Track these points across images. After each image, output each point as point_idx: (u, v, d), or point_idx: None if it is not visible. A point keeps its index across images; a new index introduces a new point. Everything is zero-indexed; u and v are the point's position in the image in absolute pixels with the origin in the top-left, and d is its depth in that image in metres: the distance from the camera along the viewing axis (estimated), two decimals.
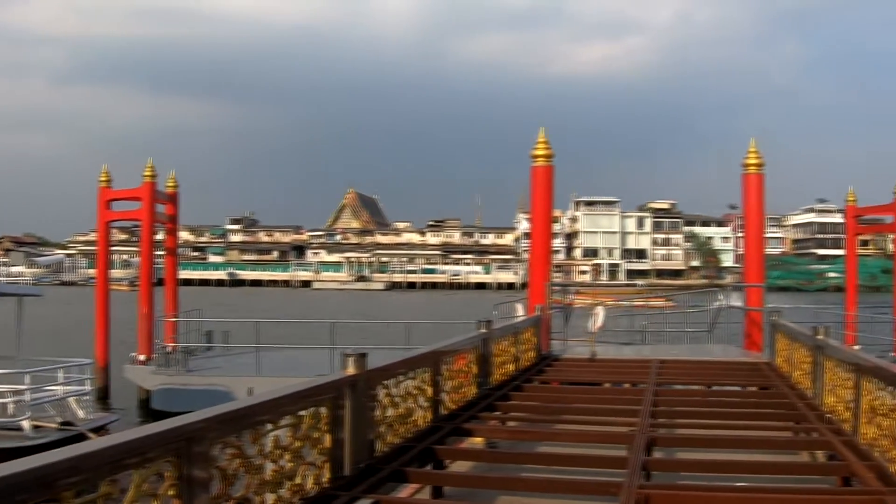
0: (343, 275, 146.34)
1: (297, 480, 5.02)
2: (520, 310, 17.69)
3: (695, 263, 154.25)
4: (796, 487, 6.24)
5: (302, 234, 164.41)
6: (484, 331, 10.24)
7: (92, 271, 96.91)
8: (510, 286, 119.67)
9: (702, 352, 16.30)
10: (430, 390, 7.77)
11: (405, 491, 6.50)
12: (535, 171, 16.66)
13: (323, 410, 5.43)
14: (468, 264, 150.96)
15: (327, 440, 5.47)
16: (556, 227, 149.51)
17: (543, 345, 14.81)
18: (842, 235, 29.78)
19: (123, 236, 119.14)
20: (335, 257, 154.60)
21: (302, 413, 5.15)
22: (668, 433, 8.10)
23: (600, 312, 15.75)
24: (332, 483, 5.46)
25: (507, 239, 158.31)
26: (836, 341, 9.07)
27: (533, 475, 6.97)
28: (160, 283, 26.11)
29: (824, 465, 7.19)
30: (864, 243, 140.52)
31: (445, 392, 8.40)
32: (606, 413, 9.04)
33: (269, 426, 4.76)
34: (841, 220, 35.55)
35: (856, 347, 23.01)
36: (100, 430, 15.74)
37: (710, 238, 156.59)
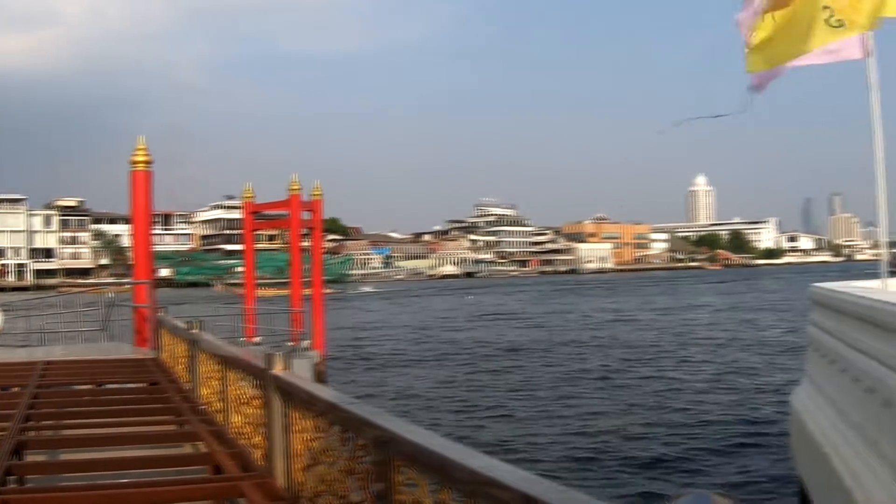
0: None
1: None
2: None
3: (104, 262, 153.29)
4: (171, 479, 6.18)
5: None
6: None
7: None
8: None
9: (95, 350, 15.86)
10: None
11: None
12: None
13: None
14: None
15: None
16: None
17: None
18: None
19: None
20: None
21: None
22: (53, 435, 7.81)
23: None
24: None
25: None
26: (208, 334, 9.28)
27: None
28: None
29: (196, 455, 7.23)
30: (272, 238, 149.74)
31: None
32: None
33: None
34: None
35: (256, 340, 24.09)
36: None
37: (117, 236, 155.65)
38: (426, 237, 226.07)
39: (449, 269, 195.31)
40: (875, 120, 11.96)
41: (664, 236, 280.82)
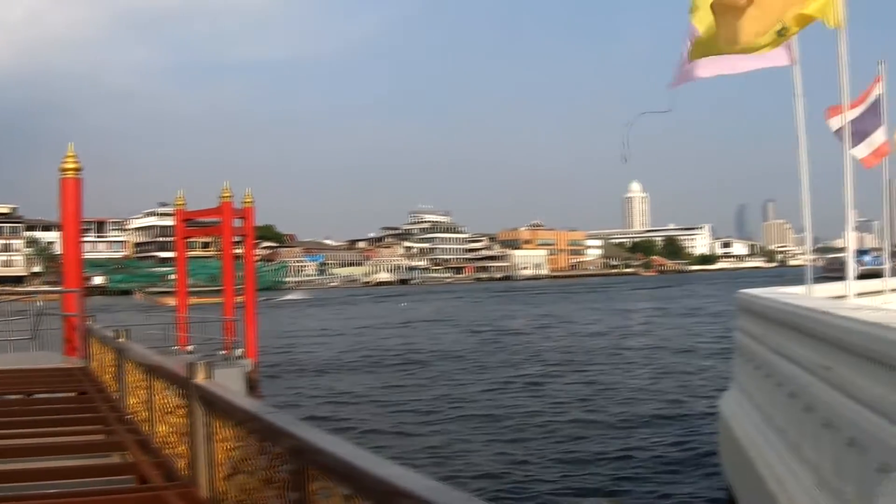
0: None
1: None
2: None
3: (37, 269, 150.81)
4: (97, 490, 6.18)
5: None
6: None
7: None
8: None
9: (25, 359, 15.67)
10: None
11: None
12: None
13: None
14: None
15: None
16: None
17: None
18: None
19: None
20: None
21: None
22: None
23: None
24: None
25: None
26: (135, 343, 9.20)
27: None
28: None
29: (122, 465, 7.18)
30: (206, 245, 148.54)
31: None
32: None
33: None
34: None
35: (189, 348, 23.82)
36: None
37: (51, 243, 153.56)
38: (361, 244, 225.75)
39: (384, 276, 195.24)
40: (800, 126, 12.26)
41: (599, 242, 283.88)
